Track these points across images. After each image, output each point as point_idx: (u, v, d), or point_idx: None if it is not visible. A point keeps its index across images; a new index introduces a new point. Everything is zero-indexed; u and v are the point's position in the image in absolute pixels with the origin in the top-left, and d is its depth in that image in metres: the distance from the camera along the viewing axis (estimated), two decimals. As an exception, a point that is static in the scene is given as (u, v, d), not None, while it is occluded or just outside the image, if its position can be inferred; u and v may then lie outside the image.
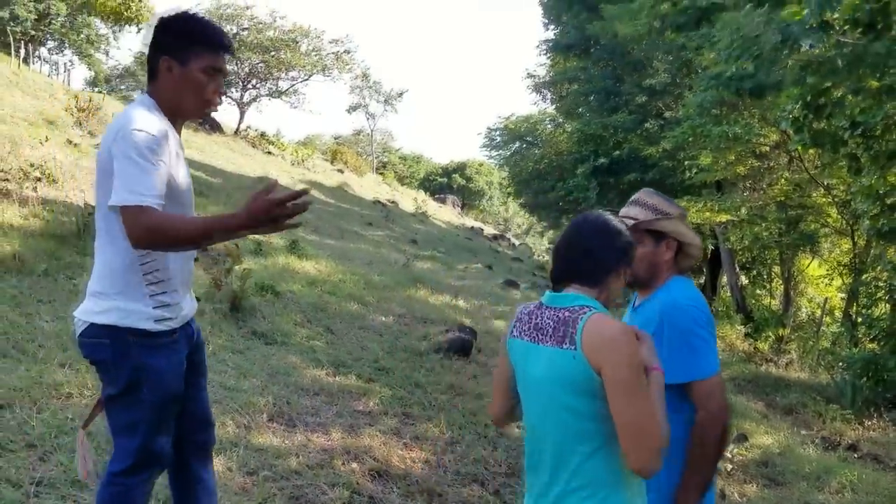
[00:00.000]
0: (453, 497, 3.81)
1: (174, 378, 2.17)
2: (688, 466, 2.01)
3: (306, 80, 27.51)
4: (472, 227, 30.97)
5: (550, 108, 27.34)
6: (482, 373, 6.40)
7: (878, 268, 10.32)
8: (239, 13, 25.17)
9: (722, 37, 6.50)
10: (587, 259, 1.80)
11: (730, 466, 5.25)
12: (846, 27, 6.29)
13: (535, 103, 33.63)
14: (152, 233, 1.92)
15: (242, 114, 25.96)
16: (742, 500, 4.76)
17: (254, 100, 26.63)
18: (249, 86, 26.15)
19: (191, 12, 2.24)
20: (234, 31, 24.42)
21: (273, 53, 25.34)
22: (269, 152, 24.20)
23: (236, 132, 24.85)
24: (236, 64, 25.30)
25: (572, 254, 1.83)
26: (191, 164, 2.15)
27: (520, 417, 1.97)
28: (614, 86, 19.41)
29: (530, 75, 26.62)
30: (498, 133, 28.95)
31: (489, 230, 35.30)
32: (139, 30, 19.30)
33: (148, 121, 2.03)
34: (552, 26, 23.44)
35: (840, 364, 9.93)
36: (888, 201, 8.19)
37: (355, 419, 4.65)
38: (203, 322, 5.45)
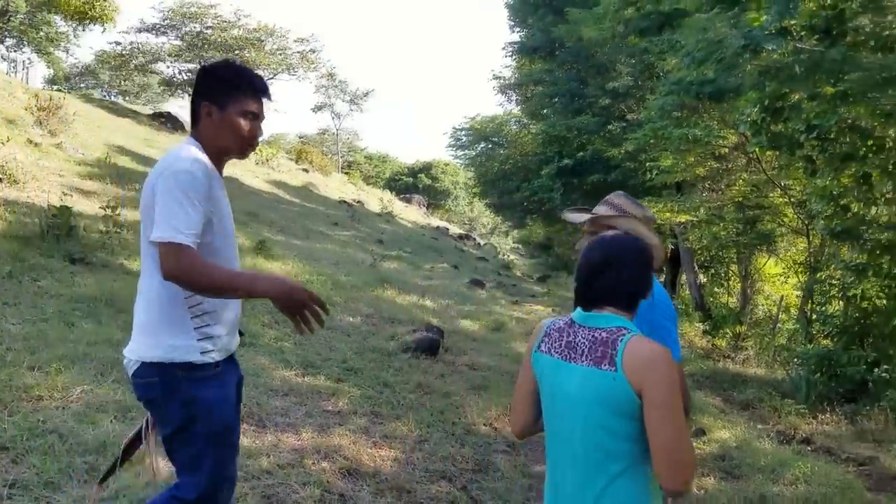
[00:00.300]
0: (422, 493, 3.89)
1: (225, 409, 2.21)
2: None
3: (271, 79, 27.34)
4: (438, 227, 31.04)
5: (516, 110, 27.55)
6: (450, 372, 6.50)
7: (833, 266, 10.65)
8: (203, 12, 24.89)
9: (687, 41, 6.68)
10: (626, 286, 1.83)
11: (689, 460, 5.42)
12: (804, 33, 6.53)
13: (501, 104, 33.95)
14: (184, 272, 2.01)
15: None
16: (700, 493, 4.91)
17: (218, 99, 26.39)
18: (213, 84, 25.92)
19: (231, 60, 2.38)
20: (198, 29, 24.16)
21: (238, 52, 25.15)
22: (234, 151, 24.00)
23: (200, 131, 24.60)
24: (201, 63, 25.05)
25: (612, 278, 1.83)
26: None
27: (541, 428, 1.98)
28: (579, 88, 19.65)
29: (496, 77, 26.79)
30: (464, 133, 29.07)
31: (455, 230, 35.40)
32: (104, 30, 18.92)
33: (194, 161, 2.12)
34: (518, 28, 23.63)
35: (795, 360, 10.22)
36: (842, 202, 8.47)
37: (325, 419, 4.70)
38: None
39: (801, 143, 7.22)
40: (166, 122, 22.79)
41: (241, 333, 2.54)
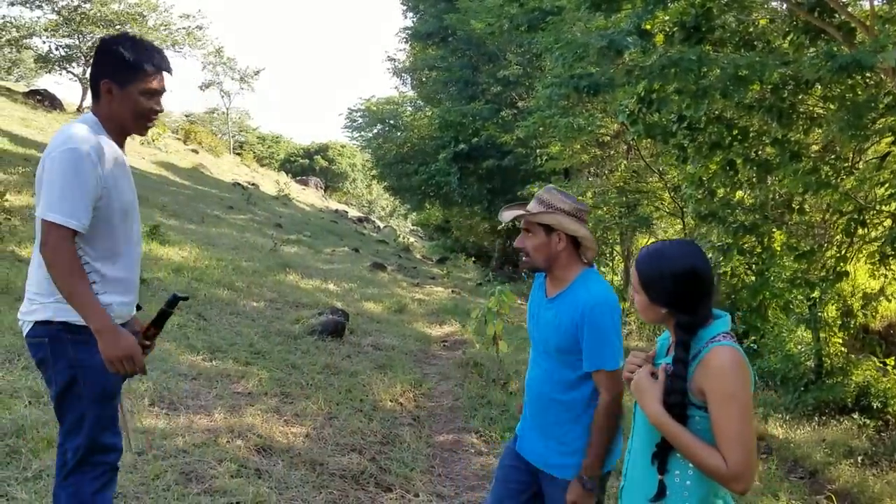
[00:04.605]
0: (334, 465, 4.12)
1: (110, 374, 2.25)
2: (593, 439, 2.40)
3: (156, 56, 26.22)
4: (337, 210, 30.93)
5: (411, 93, 27.75)
6: (355, 352, 6.75)
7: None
8: (81, -16, 23.49)
9: (549, 43, 7.12)
10: None
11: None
12: (675, 29, 7.10)
13: (396, 87, 34.02)
14: (53, 254, 2.11)
15: (85, 90, 24.36)
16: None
17: (98, 76, 25.03)
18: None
19: (130, 34, 2.38)
20: (76, 3, 22.81)
21: (118, 27, 23.91)
22: (117, 132, 22.96)
23: (79, 109, 23.32)
24: (78, 38, 23.68)
25: None
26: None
27: None
28: (472, 75, 20.13)
29: (390, 59, 26.93)
30: (359, 115, 29.00)
31: (353, 213, 35.39)
32: None
33: (82, 140, 2.17)
34: (410, 14, 23.79)
35: (671, 332, 11.07)
36: (709, 187, 9.24)
37: (236, 400, 4.85)
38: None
39: (674, 133, 7.80)
40: (44, 99, 21.51)
41: (138, 307, 2.63)
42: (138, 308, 2.64)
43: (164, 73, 2.36)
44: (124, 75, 2.26)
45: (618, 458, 2.51)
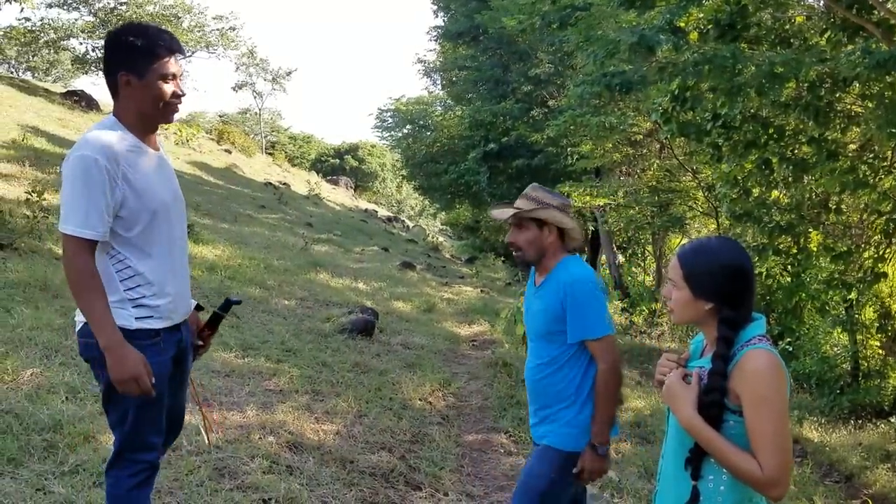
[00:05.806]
0: (364, 463, 4.15)
1: (154, 378, 2.24)
2: (596, 407, 2.55)
3: (189, 57, 26.58)
4: (367, 210, 31.08)
5: (441, 93, 27.75)
6: (385, 351, 6.78)
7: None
8: (116, -14, 23.91)
9: (580, 40, 7.05)
10: None
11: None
12: (709, 26, 7.00)
13: (426, 88, 34.01)
14: (69, 266, 2.11)
15: (121, 91, 24.83)
16: (617, 456, 5.37)
17: (134, 77, 25.45)
18: (129, 62, 25.00)
19: (134, 22, 2.37)
20: (112, 5, 23.23)
21: (154, 29, 24.33)
22: (152, 132, 23.30)
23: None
24: (114, 39, 24.15)
25: None
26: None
27: None
28: (502, 74, 20.04)
29: (420, 60, 26.94)
30: (389, 115, 29.08)
31: (383, 212, 35.53)
32: (22, 9, 17.90)
33: (93, 145, 2.11)
34: (441, 13, 23.77)
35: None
36: (744, 186, 9.09)
37: (268, 397, 4.90)
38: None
39: (709, 131, 7.68)
40: (80, 100, 21.90)
41: (199, 307, 2.67)
42: (199, 308, 2.65)
43: (178, 56, 2.27)
44: (140, 63, 2.18)
45: (618, 433, 2.69)
